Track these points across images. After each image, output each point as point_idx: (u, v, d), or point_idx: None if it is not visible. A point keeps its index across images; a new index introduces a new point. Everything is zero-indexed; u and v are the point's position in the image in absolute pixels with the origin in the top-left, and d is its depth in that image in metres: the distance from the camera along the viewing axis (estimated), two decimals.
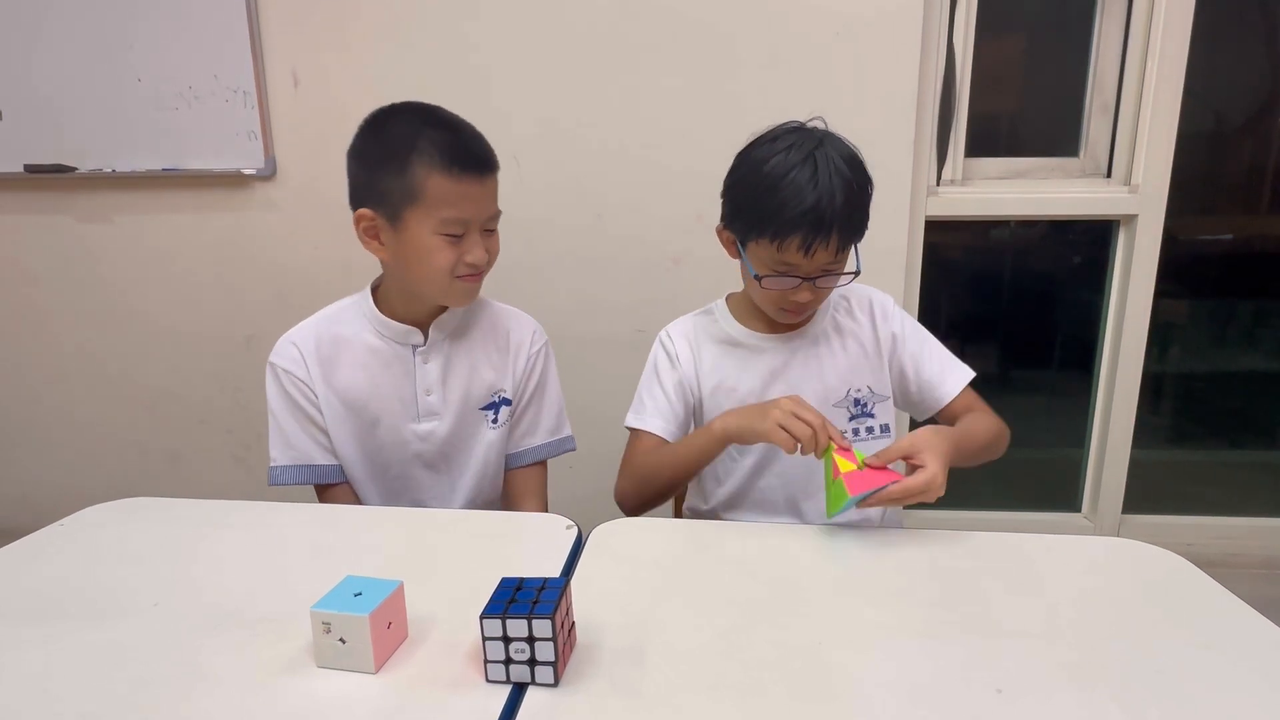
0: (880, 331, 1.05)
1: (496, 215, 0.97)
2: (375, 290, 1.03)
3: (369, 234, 0.95)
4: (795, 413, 0.83)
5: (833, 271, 0.92)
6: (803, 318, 1.00)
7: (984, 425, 0.99)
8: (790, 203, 0.87)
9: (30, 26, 1.66)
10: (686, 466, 0.96)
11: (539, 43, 1.60)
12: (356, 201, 0.95)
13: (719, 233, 1.01)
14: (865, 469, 0.81)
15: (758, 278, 0.93)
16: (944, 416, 1.05)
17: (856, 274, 0.95)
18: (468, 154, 0.90)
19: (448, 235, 0.91)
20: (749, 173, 0.93)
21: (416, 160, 0.88)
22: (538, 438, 1.10)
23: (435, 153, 0.88)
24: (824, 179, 0.87)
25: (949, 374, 1.03)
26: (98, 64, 1.66)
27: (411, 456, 1.03)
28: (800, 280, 0.91)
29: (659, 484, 0.98)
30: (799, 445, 0.83)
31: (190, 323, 1.82)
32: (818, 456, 0.84)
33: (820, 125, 0.93)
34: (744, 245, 0.95)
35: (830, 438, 0.83)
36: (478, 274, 0.96)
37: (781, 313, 0.97)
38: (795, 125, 0.93)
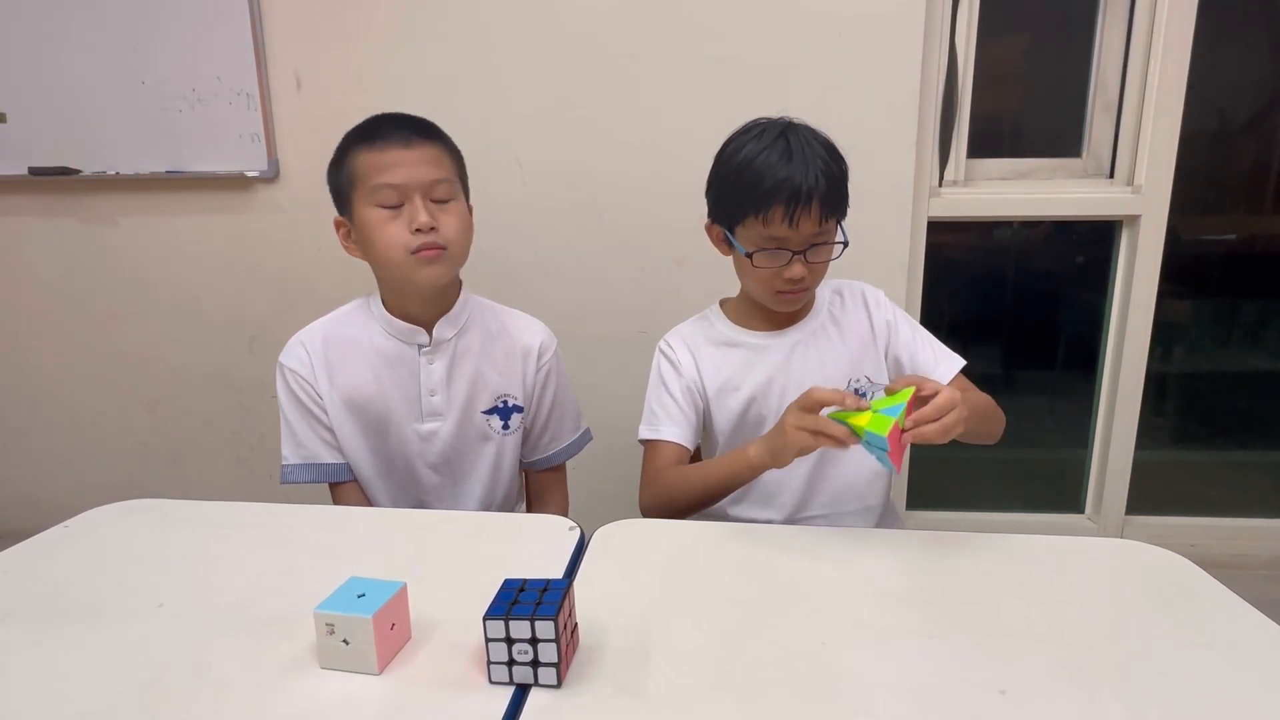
0: (875, 321, 1.06)
1: (442, 183, 0.94)
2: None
3: (346, 239, 1.00)
4: (805, 428, 0.80)
5: (820, 243, 0.94)
6: (800, 300, 1.00)
7: (982, 398, 1.01)
8: (768, 175, 0.90)
9: (34, 29, 1.67)
10: (718, 490, 0.96)
11: (541, 45, 1.60)
12: (337, 214, 1.00)
13: (708, 230, 1.02)
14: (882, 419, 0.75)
15: (749, 255, 0.94)
16: None
17: (845, 245, 0.96)
18: (388, 125, 0.94)
19: (384, 206, 0.93)
20: (725, 164, 0.96)
21: (350, 150, 0.94)
22: (563, 439, 1.13)
23: (359, 135, 0.94)
24: (797, 151, 0.91)
25: (943, 359, 1.05)
26: (102, 67, 1.67)
27: (414, 456, 1.04)
28: (791, 254, 0.93)
29: (687, 503, 0.98)
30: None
31: (193, 324, 1.83)
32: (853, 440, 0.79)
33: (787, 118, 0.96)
34: (733, 232, 0.97)
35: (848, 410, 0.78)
36: (436, 248, 0.93)
37: (778, 297, 0.98)
38: (763, 118, 0.96)
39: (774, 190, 0.89)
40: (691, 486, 0.97)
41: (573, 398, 1.15)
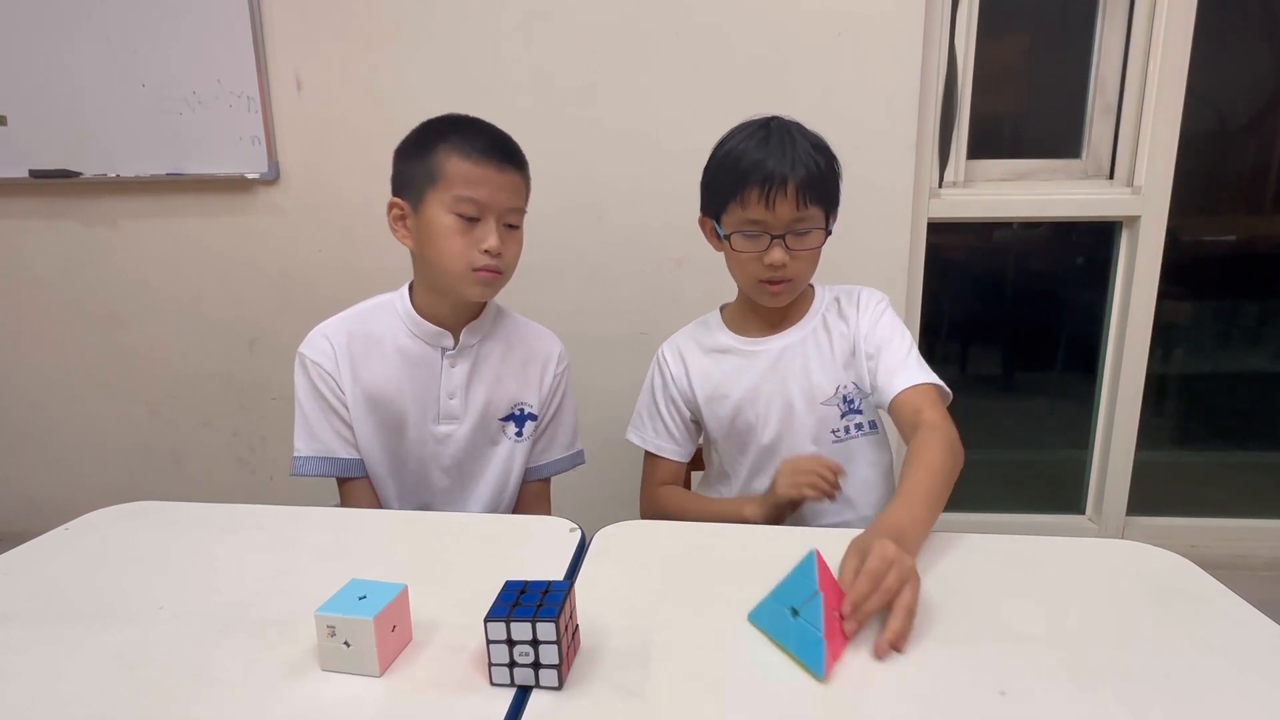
0: (861, 321, 1.03)
1: (516, 211, 0.98)
2: (411, 289, 1.05)
3: (397, 221, 0.99)
4: (794, 482, 0.88)
5: (800, 229, 0.94)
6: (784, 293, 0.98)
7: (928, 458, 0.84)
8: (745, 159, 0.93)
9: (36, 32, 1.67)
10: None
11: (541, 46, 1.60)
12: (393, 193, 0.99)
13: (700, 224, 1.04)
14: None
15: (728, 237, 0.96)
16: (894, 411, 0.97)
17: (828, 232, 0.97)
18: (486, 141, 0.95)
19: (461, 216, 0.93)
20: (712, 158, 0.99)
21: (440, 146, 0.94)
22: (554, 453, 1.13)
23: (457, 139, 0.94)
24: (775, 138, 0.93)
25: (901, 370, 0.97)
26: (102, 69, 1.67)
27: (428, 458, 1.04)
28: (770, 238, 0.93)
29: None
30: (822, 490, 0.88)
31: (194, 326, 1.83)
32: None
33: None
34: (720, 222, 0.98)
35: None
36: (495, 272, 0.96)
37: (761, 288, 0.98)
38: (754, 118, 0.99)
39: (749, 171, 0.92)
40: (686, 517, 1.00)
41: (574, 415, 1.15)
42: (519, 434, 1.07)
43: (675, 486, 1.11)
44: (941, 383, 0.96)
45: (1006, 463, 2.00)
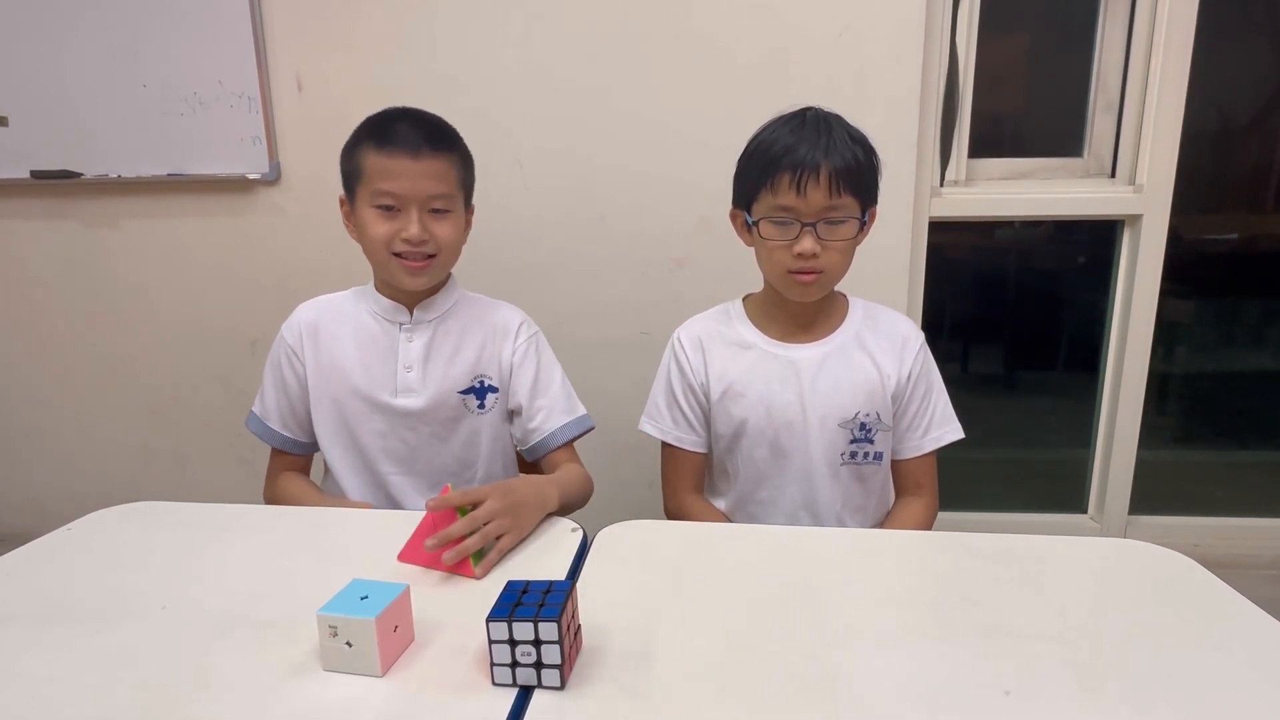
0: (903, 369, 1.02)
1: (441, 197, 0.99)
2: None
3: (346, 219, 1.05)
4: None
5: (833, 218, 0.92)
6: (814, 287, 0.95)
7: (907, 523, 1.04)
8: (777, 144, 0.92)
9: (36, 33, 1.67)
10: None
11: (543, 47, 1.60)
12: (343, 190, 1.04)
13: (731, 218, 1.02)
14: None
15: (757, 223, 0.94)
16: (896, 466, 1.07)
17: (862, 223, 0.95)
18: (400, 133, 0.97)
19: (380, 208, 0.97)
20: (746, 148, 0.98)
21: (362, 143, 0.98)
22: (556, 419, 1.08)
23: (375, 134, 0.97)
24: (810, 126, 0.92)
25: (925, 432, 1.05)
26: (103, 70, 1.67)
27: (387, 429, 1.05)
28: (800, 226, 0.91)
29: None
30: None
31: (195, 327, 1.83)
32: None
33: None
34: (750, 212, 0.96)
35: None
36: (421, 257, 0.99)
37: (790, 279, 0.95)
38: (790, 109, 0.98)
39: (780, 156, 0.91)
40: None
41: (562, 383, 1.11)
42: (480, 406, 1.07)
43: (712, 508, 1.07)
44: (958, 430, 1.06)
45: (1008, 462, 1.99)
